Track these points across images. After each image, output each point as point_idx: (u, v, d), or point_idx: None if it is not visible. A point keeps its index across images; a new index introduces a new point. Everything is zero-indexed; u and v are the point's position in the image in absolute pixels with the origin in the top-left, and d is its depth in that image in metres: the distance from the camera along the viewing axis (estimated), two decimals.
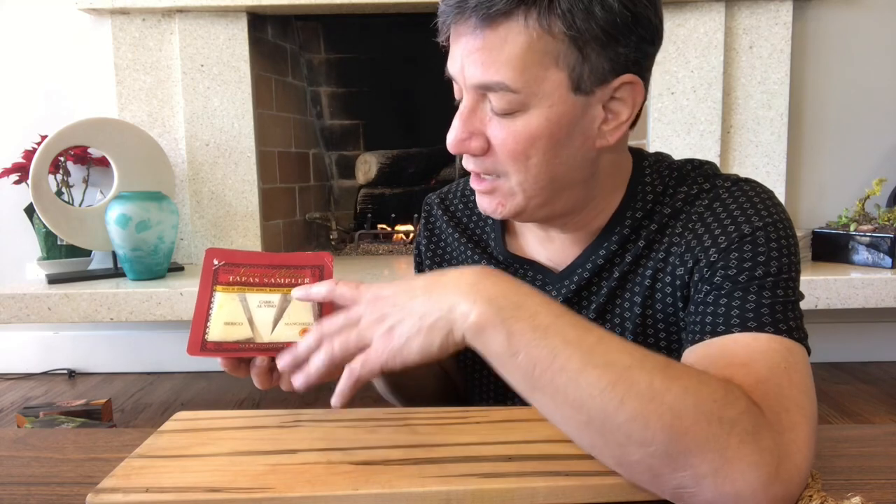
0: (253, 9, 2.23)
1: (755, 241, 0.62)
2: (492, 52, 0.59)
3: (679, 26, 2.21)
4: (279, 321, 0.62)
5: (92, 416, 1.83)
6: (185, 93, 2.26)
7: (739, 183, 0.67)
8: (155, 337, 2.47)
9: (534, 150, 0.62)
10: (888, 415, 1.95)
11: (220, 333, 0.61)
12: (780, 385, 0.52)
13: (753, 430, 0.48)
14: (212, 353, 0.60)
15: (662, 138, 2.26)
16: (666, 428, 0.47)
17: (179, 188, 2.30)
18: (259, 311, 0.62)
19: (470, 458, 0.54)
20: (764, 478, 0.47)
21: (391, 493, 0.49)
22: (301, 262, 0.67)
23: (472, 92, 0.62)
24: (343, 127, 2.85)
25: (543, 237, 0.74)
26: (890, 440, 0.64)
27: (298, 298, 0.62)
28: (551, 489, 0.50)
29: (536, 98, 0.60)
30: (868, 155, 2.37)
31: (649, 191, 0.70)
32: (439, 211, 0.83)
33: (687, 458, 0.47)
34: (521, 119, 0.61)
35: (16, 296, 1.90)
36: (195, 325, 0.62)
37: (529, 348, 0.50)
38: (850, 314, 2.36)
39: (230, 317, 0.62)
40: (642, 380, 0.48)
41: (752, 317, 0.58)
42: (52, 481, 0.56)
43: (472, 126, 0.63)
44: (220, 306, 0.62)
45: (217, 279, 0.64)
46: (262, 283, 0.65)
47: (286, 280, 0.65)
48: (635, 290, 0.69)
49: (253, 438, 0.59)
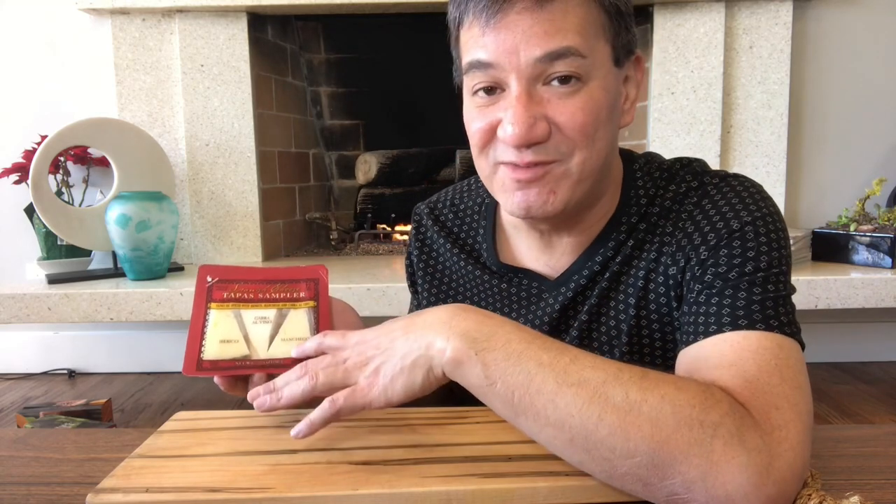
0: (253, 9, 2.23)
1: (744, 237, 0.62)
2: (556, 22, 0.59)
3: (679, 26, 2.21)
4: (276, 337, 0.62)
5: (92, 416, 1.83)
6: (185, 93, 2.26)
7: (728, 178, 0.67)
8: (155, 337, 2.47)
9: (599, 123, 0.62)
10: (888, 415, 1.95)
11: (216, 352, 0.60)
12: (771, 383, 0.52)
13: (738, 432, 0.48)
14: (208, 372, 0.60)
15: (662, 138, 2.26)
16: (647, 438, 0.48)
17: (179, 188, 2.30)
18: (255, 327, 0.62)
19: (470, 458, 0.54)
20: (755, 478, 0.47)
21: (391, 493, 0.49)
22: (296, 276, 0.67)
23: (527, 73, 0.60)
24: (343, 127, 2.85)
25: (542, 244, 0.73)
26: (890, 440, 0.64)
27: (295, 356, 0.61)
28: (551, 489, 0.50)
29: (595, 68, 0.61)
30: (868, 155, 2.37)
31: (642, 194, 0.70)
32: (430, 221, 0.82)
33: (673, 465, 0.47)
34: (583, 92, 0.61)
35: (16, 296, 1.90)
36: (190, 343, 0.61)
37: (505, 376, 0.51)
38: (850, 314, 2.36)
39: (225, 334, 0.61)
40: (617, 393, 0.49)
41: (743, 314, 0.58)
42: (52, 481, 0.56)
43: (533, 110, 0.60)
44: (215, 324, 0.62)
45: (211, 296, 0.64)
46: (257, 299, 0.64)
47: (281, 295, 0.65)
48: (629, 292, 0.69)
49: (253, 438, 0.59)
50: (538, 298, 0.74)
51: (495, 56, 0.60)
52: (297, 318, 0.62)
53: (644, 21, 2.27)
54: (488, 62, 0.61)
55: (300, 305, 0.66)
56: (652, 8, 2.22)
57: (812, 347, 0.60)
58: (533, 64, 0.59)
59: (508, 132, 0.60)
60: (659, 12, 2.21)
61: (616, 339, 0.71)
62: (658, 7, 2.21)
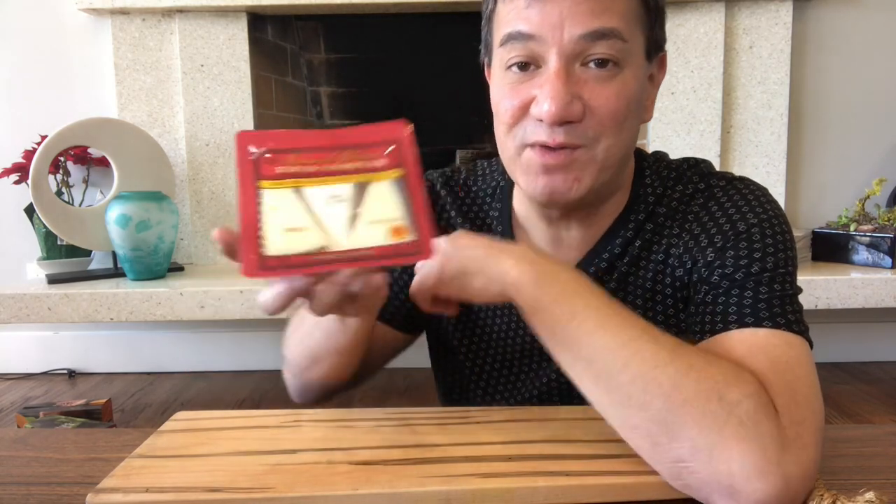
0: (253, 9, 2.23)
1: (750, 238, 0.62)
2: (602, 2, 0.59)
3: (679, 26, 2.21)
4: (357, 220, 0.48)
5: (92, 416, 1.83)
6: (185, 93, 2.26)
7: (734, 181, 0.68)
8: (155, 337, 2.47)
9: (629, 111, 0.62)
10: (888, 415, 1.95)
11: (282, 244, 0.46)
12: (785, 378, 0.52)
13: (755, 415, 0.48)
14: (276, 272, 0.45)
15: (662, 138, 2.26)
16: (664, 395, 0.49)
17: (179, 188, 2.30)
18: (327, 208, 0.48)
19: (470, 458, 0.54)
20: (760, 463, 0.47)
21: (391, 493, 0.49)
22: (369, 139, 0.52)
23: (569, 50, 0.59)
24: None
25: (551, 237, 0.72)
26: (890, 440, 0.64)
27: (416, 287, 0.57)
28: (551, 489, 0.50)
29: (632, 55, 0.61)
30: (868, 155, 2.37)
31: (650, 192, 0.70)
32: (444, 190, 0.79)
33: (683, 430, 0.48)
34: (619, 78, 0.61)
35: (16, 296, 1.90)
36: (245, 238, 0.46)
37: (554, 306, 0.54)
38: (850, 314, 2.36)
39: (290, 220, 0.47)
40: (649, 349, 0.51)
41: (750, 313, 0.58)
42: (52, 481, 0.56)
43: (572, 89, 0.59)
44: (273, 208, 0.47)
45: (260, 172, 0.48)
46: (324, 172, 0.49)
47: (355, 164, 0.50)
48: (637, 293, 0.69)
49: (253, 438, 0.59)
50: None
51: (538, 28, 0.59)
52: (381, 192, 0.49)
53: None
54: (529, 33, 0.60)
55: (382, 176, 0.51)
56: None
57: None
58: (576, 40, 0.59)
59: (545, 109, 0.59)
60: None
61: None
62: None
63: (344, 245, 0.47)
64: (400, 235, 0.48)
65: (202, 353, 2.46)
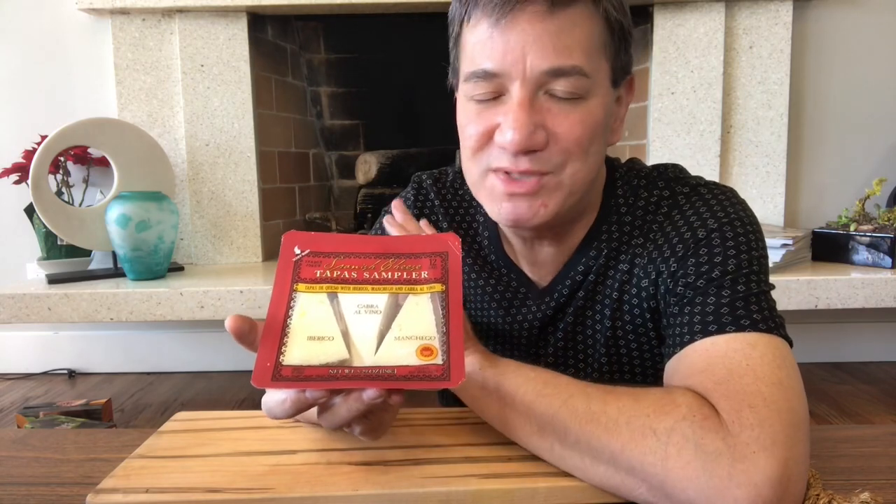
0: (253, 9, 2.23)
1: (710, 244, 0.62)
2: (563, 36, 0.58)
3: (679, 26, 2.21)
4: (388, 334, 0.45)
5: (92, 416, 1.83)
6: (185, 93, 2.26)
7: (698, 188, 0.67)
8: (155, 337, 2.47)
9: (594, 136, 0.62)
10: (888, 415, 1.95)
11: (303, 353, 0.44)
12: (743, 383, 0.51)
13: (693, 437, 0.48)
14: (287, 383, 0.43)
15: (662, 138, 2.26)
16: (606, 447, 0.50)
17: (179, 188, 2.30)
18: (358, 319, 0.46)
19: (470, 458, 0.54)
20: (713, 482, 0.46)
21: (391, 494, 0.49)
22: (416, 249, 0.50)
23: (532, 81, 0.59)
24: (343, 127, 2.85)
25: (526, 251, 0.73)
26: (890, 440, 0.64)
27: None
28: (551, 489, 0.50)
29: (596, 85, 0.61)
30: (868, 155, 2.37)
31: (622, 203, 0.70)
32: (432, 193, 0.79)
33: (633, 472, 0.49)
34: (583, 106, 0.60)
35: (16, 296, 1.90)
36: (266, 342, 0.44)
37: (499, 387, 0.57)
38: (850, 314, 2.36)
39: (317, 328, 0.45)
40: (580, 405, 0.52)
41: (712, 320, 0.57)
42: (52, 481, 0.56)
43: (535, 118, 0.59)
44: (303, 313, 0.46)
45: (299, 274, 0.47)
46: (363, 280, 0.48)
47: (395, 275, 0.48)
48: (605, 303, 0.69)
49: (253, 438, 0.59)
50: (522, 304, 0.74)
51: (501, 65, 0.59)
52: (417, 306, 0.46)
53: (644, 21, 2.27)
54: (494, 72, 0.59)
55: (422, 290, 0.49)
56: (652, 8, 2.22)
57: (812, 347, 0.60)
58: (539, 75, 0.59)
59: (508, 137, 0.59)
60: (659, 12, 2.21)
61: (592, 350, 0.71)
62: (658, 7, 2.21)
63: (366, 361, 0.44)
64: (428, 356, 0.45)
65: (202, 353, 2.46)
